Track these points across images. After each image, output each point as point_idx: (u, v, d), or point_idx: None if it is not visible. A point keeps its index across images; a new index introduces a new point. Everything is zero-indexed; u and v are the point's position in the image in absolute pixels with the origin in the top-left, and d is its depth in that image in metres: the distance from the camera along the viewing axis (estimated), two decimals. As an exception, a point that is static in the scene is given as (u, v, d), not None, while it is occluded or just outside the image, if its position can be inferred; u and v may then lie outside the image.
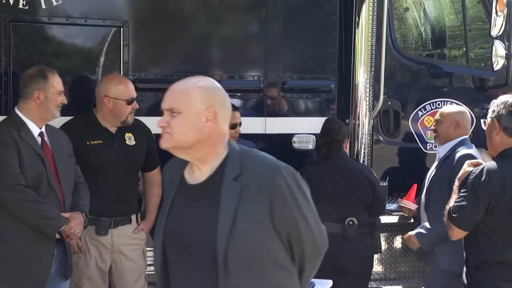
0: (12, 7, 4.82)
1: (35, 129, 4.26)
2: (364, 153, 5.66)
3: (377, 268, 5.82)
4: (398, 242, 5.96)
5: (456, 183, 3.93)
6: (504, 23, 5.67)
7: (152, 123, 3.70)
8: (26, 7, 4.85)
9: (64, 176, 4.32)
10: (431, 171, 5.02)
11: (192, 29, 5.37)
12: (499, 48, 5.79)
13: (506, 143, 3.80)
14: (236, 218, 2.55)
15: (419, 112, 5.91)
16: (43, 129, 4.31)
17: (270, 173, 2.60)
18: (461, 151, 4.79)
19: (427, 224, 4.83)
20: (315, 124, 5.56)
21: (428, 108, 5.96)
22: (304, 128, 5.51)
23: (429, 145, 6.01)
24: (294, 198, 2.62)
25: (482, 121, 3.99)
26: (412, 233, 4.91)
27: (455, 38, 6.60)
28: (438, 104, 5.94)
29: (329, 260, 4.92)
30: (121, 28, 5.04)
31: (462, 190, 3.80)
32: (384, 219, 5.58)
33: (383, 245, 5.76)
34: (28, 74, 4.32)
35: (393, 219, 5.84)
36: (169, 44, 5.26)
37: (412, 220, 5.56)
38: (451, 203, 3.85)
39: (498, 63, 5.82)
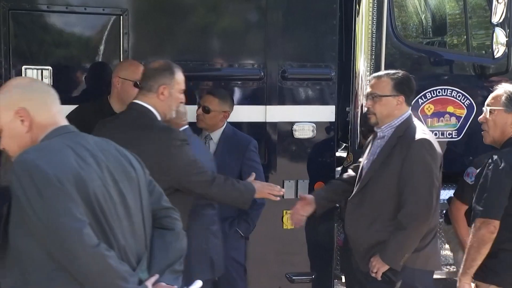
0: (11, -5, 4.81)
1: None
2: (364, 141, 5.66)
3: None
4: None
5: None
6: (505, 10, 5.66)
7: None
8: (25, -4, 4.84)
9: None
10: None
11: (192, 18, 5.34)
12: (499, 36, 5.77)
13: None
14: None
15: (419, 100, 5.89)
16: None
17: None
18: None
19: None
20: (315, 112, 5.56)
21: (429, 96, 5.94)
22: (304, 116, 5.50)
23: (430, 133, 6.00)
24: (27, 198, 2.36)
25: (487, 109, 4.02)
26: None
27: (455, 25, 6.58)
28: (439, 92, 5.94)
29: None
30: (121, 17, 5.02)
31: (478, 186, 3.84)
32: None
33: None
34: (154, 66, 4.00)
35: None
36: (169, 32, 5.24)
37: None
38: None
39: (499, 50, 5.81)
